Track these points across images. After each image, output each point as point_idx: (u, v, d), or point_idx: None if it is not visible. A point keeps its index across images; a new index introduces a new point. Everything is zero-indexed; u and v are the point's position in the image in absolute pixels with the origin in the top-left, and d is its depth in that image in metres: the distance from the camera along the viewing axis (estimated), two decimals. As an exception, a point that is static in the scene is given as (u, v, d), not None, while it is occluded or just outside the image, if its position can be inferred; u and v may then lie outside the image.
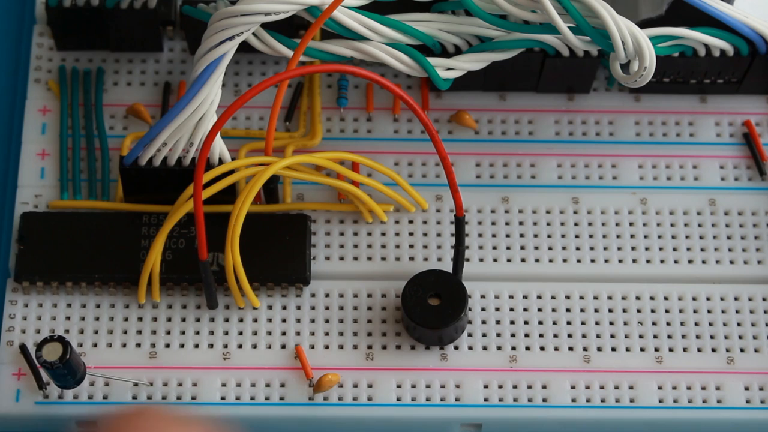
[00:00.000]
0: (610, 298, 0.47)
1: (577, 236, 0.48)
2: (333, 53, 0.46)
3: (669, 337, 0.46)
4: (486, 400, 0.45)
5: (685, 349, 0.46)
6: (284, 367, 0.46)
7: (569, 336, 0.46)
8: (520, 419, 0.45)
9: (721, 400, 0.45)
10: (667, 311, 0.47)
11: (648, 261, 0.48)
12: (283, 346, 0.46)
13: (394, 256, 0.48)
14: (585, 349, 0.46)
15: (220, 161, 0.46)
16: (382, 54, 0.46)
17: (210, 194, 0.45)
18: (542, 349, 0.46)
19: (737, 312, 0.47)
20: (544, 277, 0.47)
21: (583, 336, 0.46)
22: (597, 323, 0.47)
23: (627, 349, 0.46)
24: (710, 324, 0.47)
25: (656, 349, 0.46)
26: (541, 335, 0.46)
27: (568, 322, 0.47)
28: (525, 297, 0.47)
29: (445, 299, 0.45)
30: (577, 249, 0.48)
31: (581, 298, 0.47)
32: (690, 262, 0.48)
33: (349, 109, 0.50)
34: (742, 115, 0.50)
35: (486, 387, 0.45)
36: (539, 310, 0.47)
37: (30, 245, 0.46)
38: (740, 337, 0.46)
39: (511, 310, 0.47)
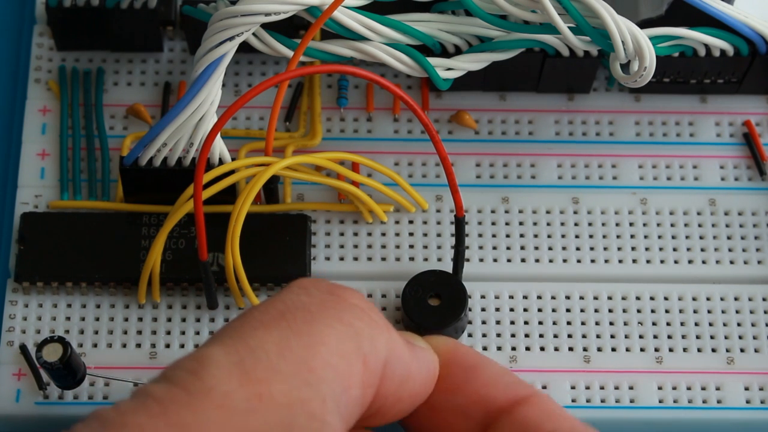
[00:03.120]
0: (610, 298, 0.47)
1: (577, 236, 0.48)
2: (333, 53, 0.46)
3: (669, 337, 0.46)
4: (486, 400, 0.45)
5: (685, 349, 0.46)
6: (284, 367, 0.46)
7: (569, 336, 0.46)
8: (520, 419, 0.45)
9: (721, 400, 0.45)
10: (667, 311, 0.47)
11: (648, 261, 0.48)
12: (283, 346, 0.46)
13: (394, 257, 0.48)
14: (585, 349, 0.46)
15: (220, 161, 0.46)
16: (382, 54, 0.46)
17: (210, 194, 0.45)
18: (542, 349, 0.46)
19: (737, 312, 0.47)
20: (544, 277, 0.47)
21: (583, 336, 0.46)
22: (597, 323, 0.47)
23: (627, 349, 0.46)
24: (710, 324, 0.47)
25: (656, 349, 0.46)
26: (541, 335, 0.46)
27: (568, 322, 0.47)
28: (525, 297, 0.47)
29: (445, 299, 0.45)
30: (577, 249, 0.48)
31: (581, 298, 0.47)
32: (690, 262, 0.48)
33: (349, 109, 0.50)
34: (742, 115, 0.50)
35: (486, 387, 0.45)
36: (539, 310, 0.47)
37: (30, 245, 0.46)
38: (740, 337, 0.46)
39: (511, 310, 0.47)
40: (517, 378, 0.41)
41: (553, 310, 0.47)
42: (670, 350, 0.46)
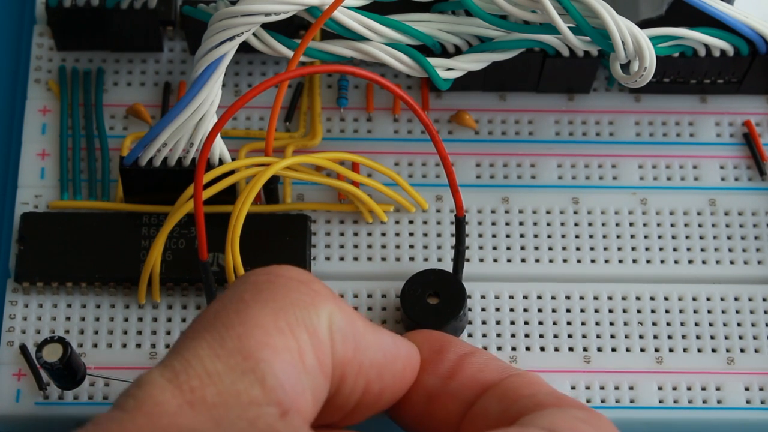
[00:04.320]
0: (610, 298, 0.47)
1: (577, 236, 0.48)
2: (333, 53, 0.46)
3: (669, 337, 0.46)
4: (486, 400, 0.45)
5: (685, 350, 0.46)
6: (284, 368, 0.46)
7: (569, 336, 0.46)
8: (520, 419, 0.45)
9: (721, 400, 0.45)
10: (667, 311, 0.47)
11: (648, 261, 0.48)
12: (283, 347, 0.46)
13: (394, 256, 0.48)
14: (585, 349, 0.46)
15: (220, 162, 0.46)
16: (382, 54, 0.46)
17: (210, 194, 0.45)
18: (542, 349, 0.46)
19: (737, 312, 0.47)
20: (544, 277, 0.47)
21: (583, 336, 0.46)
22: (597, 323, 0.47)
23: (627, 349, 0.46)
24: (710, 324, 0.47)
25: (656, 350, 0.46)
26: (541, 335, 0.46)
27: (568, 322, 0.47)
28: (525, 297, 0.47)
29: (443, 298, 0.45)
30: (577, 249, 0.48)
31: (581, 298, 0.47)
32: (690, 262, 0.48)
33: (349, 109, 0.50)
34: (742, 115, 0.50)
35: (486, 387, 0.45)
36: (539, 310, 0.47)
37: (30, 245, 0.46)
38: (740, 337, 0.46)
39: (511, 310, 0.47)
40: (507, 363, 0.41)
41: (553, 310, 0.47)
42: (670, 350, 0.46)
